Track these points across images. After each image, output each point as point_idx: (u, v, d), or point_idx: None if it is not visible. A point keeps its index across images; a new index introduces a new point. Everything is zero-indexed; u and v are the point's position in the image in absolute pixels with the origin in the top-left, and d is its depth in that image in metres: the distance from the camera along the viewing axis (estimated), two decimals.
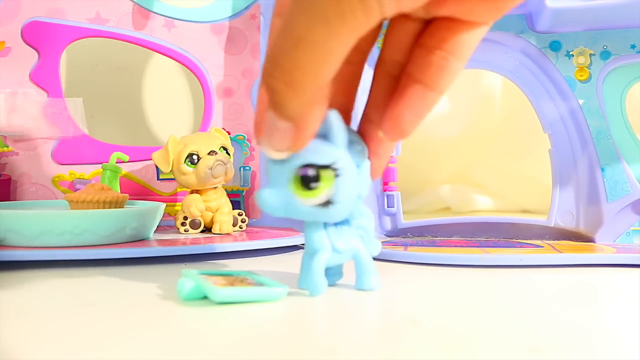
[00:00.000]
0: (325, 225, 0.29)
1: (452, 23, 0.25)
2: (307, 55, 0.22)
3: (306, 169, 0.27)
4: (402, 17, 0.26)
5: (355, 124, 0.29)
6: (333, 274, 0.32)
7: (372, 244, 0.31)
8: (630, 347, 0.23)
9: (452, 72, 0.25)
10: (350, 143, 0.28)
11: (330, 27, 0.21)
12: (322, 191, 0.27)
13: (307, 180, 0.27)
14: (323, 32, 0.21)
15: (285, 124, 0.24)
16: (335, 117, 0.27)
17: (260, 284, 0.29)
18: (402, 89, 0.26)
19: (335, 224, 0.30)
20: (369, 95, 0.28)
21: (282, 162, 0.27)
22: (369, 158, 0.29)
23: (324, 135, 0.27)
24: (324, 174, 0.27)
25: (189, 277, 0.29)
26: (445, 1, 0.24)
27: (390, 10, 0.22)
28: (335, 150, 0.27)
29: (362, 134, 0.29)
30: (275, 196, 0.27)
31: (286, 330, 0.25)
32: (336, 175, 0.27)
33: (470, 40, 0.25)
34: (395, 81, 0.27)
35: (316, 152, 0.27)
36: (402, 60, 0.27)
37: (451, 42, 0.25)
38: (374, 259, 0.31)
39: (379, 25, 0.26)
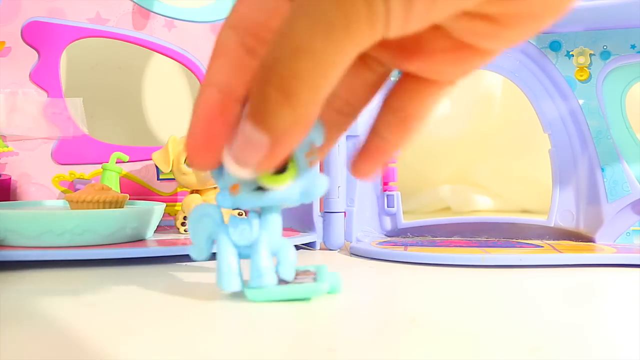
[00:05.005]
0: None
1: (417, 84, 0.24)
2: (306, 65, 0.20)
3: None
4: (362, 66, 0.25)
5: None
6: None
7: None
8: (630, 347, 0.23)
9: (413, 132, 0.26)
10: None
11: (333, 37, 0.20)
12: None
13: None
14: (324, 42, 0.20)
15: (262, 137, 0.21)
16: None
17: (315, 279, 0.29)
18: (368, 141, 0.26)
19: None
20: None
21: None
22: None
23: None
24: None
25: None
26: (414, 55, 0.23)
27: (396, 28, 0.20)
28: None
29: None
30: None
31: (286, 330, 0.25)
32: None
33: (434, 102, 0.25)
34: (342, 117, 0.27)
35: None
36: (353, 102, 0.26)
37: (415, 106, 0.25)
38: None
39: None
